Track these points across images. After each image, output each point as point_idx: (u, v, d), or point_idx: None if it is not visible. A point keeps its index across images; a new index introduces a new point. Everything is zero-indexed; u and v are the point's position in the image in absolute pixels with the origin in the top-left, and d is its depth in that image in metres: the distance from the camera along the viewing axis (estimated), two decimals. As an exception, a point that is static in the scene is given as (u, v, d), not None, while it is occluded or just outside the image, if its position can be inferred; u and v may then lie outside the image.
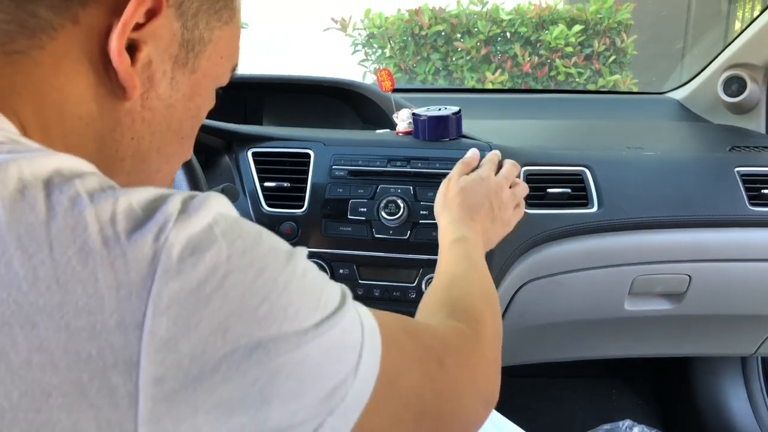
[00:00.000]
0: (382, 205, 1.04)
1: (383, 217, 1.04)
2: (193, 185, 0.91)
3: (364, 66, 4.23)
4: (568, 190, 1.12)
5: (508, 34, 4.04)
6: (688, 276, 1.16)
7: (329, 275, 1.05)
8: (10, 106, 0.40)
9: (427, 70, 4.02)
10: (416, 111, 1.15)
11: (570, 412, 1.75)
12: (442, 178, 1.05)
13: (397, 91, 1.26)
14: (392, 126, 1.22)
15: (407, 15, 4.03)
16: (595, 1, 3.95)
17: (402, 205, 1.03)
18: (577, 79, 3.97)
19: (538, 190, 1.11)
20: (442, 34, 4.00)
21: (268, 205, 1.10)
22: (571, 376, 1.83)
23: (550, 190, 1.11)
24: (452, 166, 1.06)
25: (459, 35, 4.01)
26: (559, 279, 1.14)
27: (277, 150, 1.13)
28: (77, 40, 0.41)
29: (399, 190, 1.06)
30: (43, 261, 0.32)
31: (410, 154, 1.09)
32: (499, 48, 4.04)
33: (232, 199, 1.00)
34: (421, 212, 1.04)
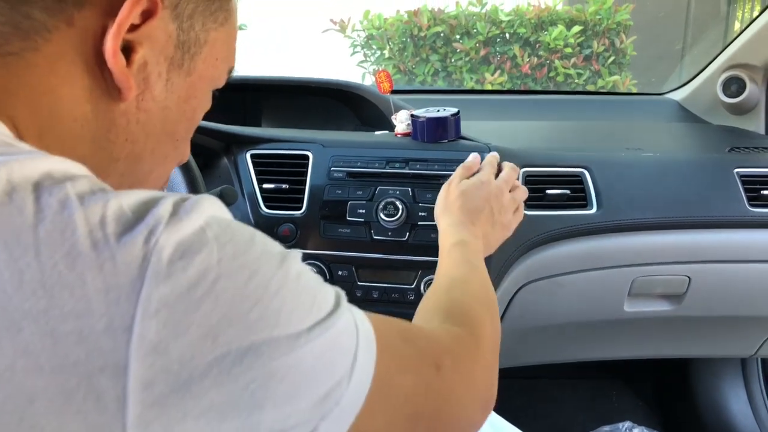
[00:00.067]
0: (381, 206, 1.04)
1: (382, 219, 1.04)
2: (192, 187, 0.91)
3: (363, 67, 4.23)
4: (567, 192, 1.11)
5: (507, 35, 4.05)
6: (688, 277, 1.16)
7: (328, 277, 1.05)
8: (3, 109, 0.40)
9: (427, 71, 4.02)
10: (415, 112, 1.15)
11: (570, 414, 1.75)
12: (440, 180, 1.05)
13: (396, 92, 1.25)
14: (391, 127, 1.22)
15: (406, 16, 4.03)
16: (594, 2, 3.96)
17: (401, 207, 1.03)
18: (577, 80, 3.97)
19: (537, 192, 1.10)
20: (441, 35, 4.01)
21: (266, 206, 1.10)
22: (571, 378, 1.83)
23: (549, 192, 1.11)
24: (451, 167, 1.06)
25: (458, 36, 4.02)
26: (559, 280, 1.14)
27: (275, 152, 1.13)
28: (72, 42, 0.41)
29: (398, 192, 1.06)
30: (30, 264, 0.31)
31: (409, 156, 1.09)
32: (498, 49, 4.05)
33: (231, 201, 0.99)
34: (420, 214, 1.04)
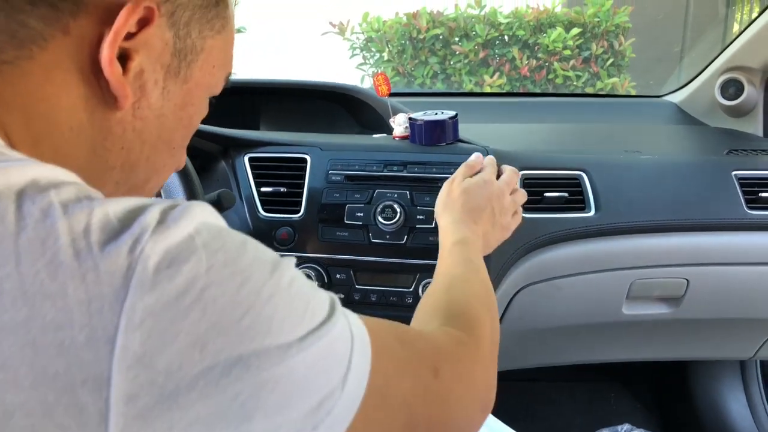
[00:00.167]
0: (379, 209, 1.04)
1: (380, 222, 1.04)
2: (189, 191, 0.91)
3: (362, 70, 4.23)
4: (566, 195, 1.11)
5: (506, 38, 4.05)
6: (686, 280, 1.16)
7: (326, 280, 1.05)
8: None
9: (426, 73, 4.02)
10: (413, 115, 1.15)
11: (568, 416, 1.75)
12: (439, 183, 1.05)
13: (394, 95, 1.26)
14: (389, 130, 1.22)
15: (405, 19, 4.03)
16: (593, 4, 3.96)
17: (399, 210, 1.03)
18: (575, 82, 3.97)
19: (536, 195, 1.10)
20: (440, 37, 4.01)
21: (264, 210, 1.10)
22: (570, 380, 1.83)
23: (548, 195, 1.11)
24: (449, 170, 1.06)
25: (457, 39, 4.02)
26: (557, 283, 1.14)
27: (273, 155, 1.13)
28: (68, 50, 0.41)
29: (396, 195, 1.06)
30: (9, 274, 0.31)
31: (407, 159, 1.09)
32: (497, 51, 4.05)
33: (228, 205, 0.99)
34: (418, 217, 1.04)
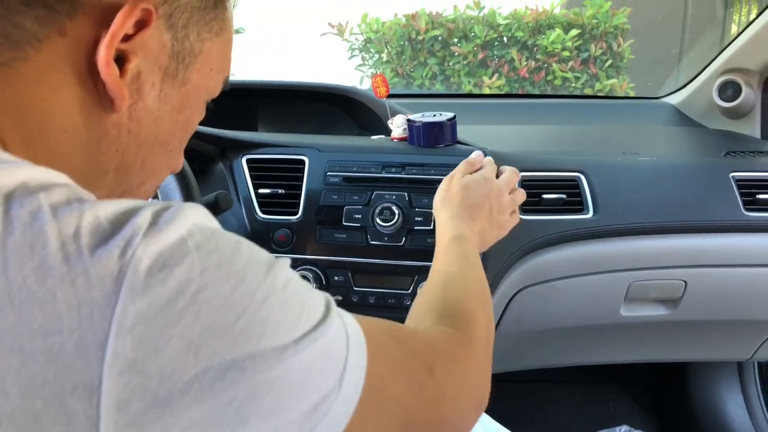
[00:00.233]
0: (377, 211, 1.04)
1: (378, 224, 1.04)
2: (186, 193, 0.91)
3: (361, 71, 4.23)
4: (564, 196, 1.11)
5: (505, 39, 4.05)
6: (684, 282, 1.16)
7: (324, 282, 1.05)
8: None
9: (425, 74, 4.02)
10: (411, 117, 1.15)
11: (567, 418, 1.75)
12: (437, 185, 1.05)
13: (393, 96, 1.25)
14: (387, 132, 1.22)
15: (404, 20, 4.03)
16: (592, 6, 3.96)
17: (397, 212, 1.03)
18: (574, 84, 3.97)
19: (534, 196, 1.10)
20: (439, 38, 4.00)
21: (262, 211, 1.10)
22: (568, 382, 1.83)
23: (546, 196, 1.11)
24: (447, 172, 1.06)
25: (456, 40, 4.02)
26: (555, 285, 1.14)
27: (271, 156, 1.13)
28: (63, 52, 0.40)
29: (394, 197, 1.06)
30: None
31: (405, 161, 1.09)
32: (496, 52, 4.05)
33: (226, 207, 0.99)
34: (416, 219, 1.04)
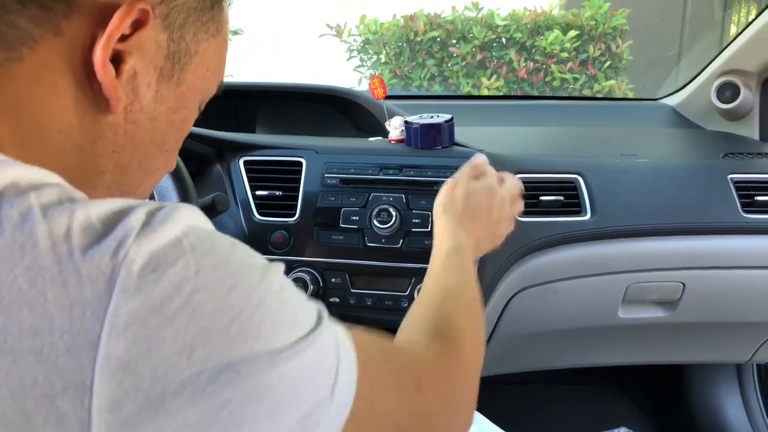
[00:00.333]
0: (375, 213, 1.04)
1: (375, 226, 1.03)
2: (183, 194, 0.91)
3: (360, 72, 4.23)
4: (561, 198, 1.11)
5: (504, 40, 4.05)
6: (682, 283, 1.16)
7: (321, 284, 1.05)
8: None
9: (423, 75, 4.02)
10: (408, 119, 1.14)
11: (565, 420, 1.74)
12: (434, 187, 1.05)
13: (390, 98, 1.25)
14: (385, 134, 1.22)
15: (402, 21, 4.03)
16: (591, 7, 3.96)
17: (394, 214, 1.03)
18: (573, 85, 3.98)
19: (531, 198, 1.10)
20: (438, 39, 4.01)
21: (259, 213, 1.09)
22: (566, 383, 1.83)
23: (543, 198, 1.11)
24: (445, 173, 1.06)
25: (454, 41, 4.02)
26: (553, 287, 1.14)
27: (268, 158, 1.12)
28: (59, 52, 0.40)
29: (391, 199, 1.05)
30: None
31: (402, 162, 1.09)
32: (494, 54, 4.05)
33: (223, 209, 0.99)
34: (414, 221, 1.04)
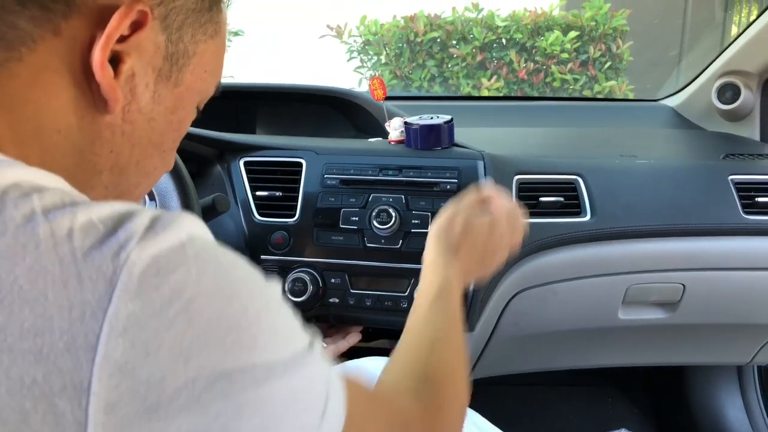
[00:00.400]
0: (374, 214, 1.04)
1: (375, 227, 1.03)
2: (183, 195, 0.90)
3: (360, 73, 4.23)
4: (561, 199, 1.11)
5: (504, 41, 4.05)
6: (682, 285, 1.15)
7: (321, 285, 1.05)
8: None
9: (423, 76, 4.02)
10: (408, 119, 1.14)
11: (565, 421, 1.74)
12: (434, 187, 1.05)
13: (390, 99, 1.25)
14: (385, 134, 1.22)
15: (402, 22, 4.04)
16: (591, 7, 3.97)
17: (394, 215, 1.03)
18: (573, 86, 3.98)
19: (531, 199, 1.10)
20: (438, 40, 4.01)
21: (259, 214, 1.09)
22: (566, 385, 1.83)
23: (543, 199, 1.10)
24: (444, 174, 1.06)
25: (454, 42, 4.02)
26: (553, 288, 1.14)
27: (269, 159, 1.12)
28: (58, 52, 0.40)
29: (391, 199, 1.05)
30: None
31: (402, 163, 1.09)
32: (494, 54, 4.05)
33: (223, 209, 0.99)
34: (413, 221, 1.04)
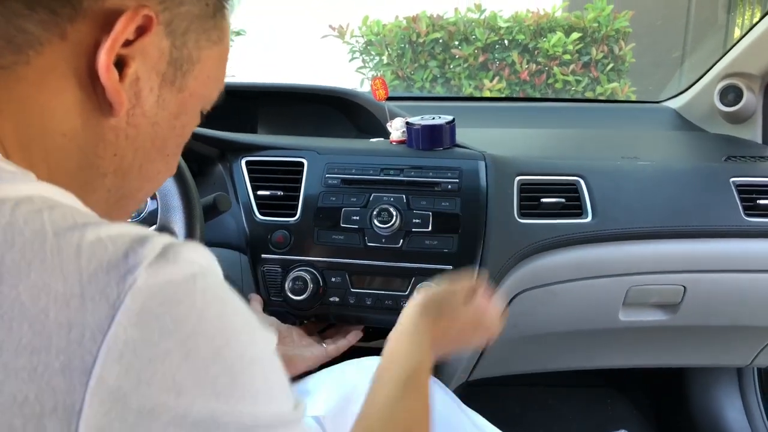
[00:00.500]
0: (375, 213, 1.04)
1: (376, 226, 1.04)
2: (185, 194, 0.90)
3: (362, 73, 4.24)
4: (563, 200, 1.11)
5: (506, 42, 4.05)
6: (683, 287, 1.15)
7: (321, 284, 1.05)
8: None
9: (425, 77, 4.03)
10: (410, 120, 1.15)
11: (565, 422, 1.74)
12: (435, 187, 1.05)
13: (392, 99, 1.25)
14: (386, 135, 1.22)
15: (405, 22, 4.04)
16: (594, 9, 3.96)
17: (395, 214, 1.03)
18: (575, 87, 3.98)
19: (532, 200, 1.10)
20: (440, 41, 4.01)
21: (261, 213, 1.09)
22: (566, 386, 1.83)
23: (544, 200, 1.10)
24: (445, 174, 1.06)
25: (457, 43, 4.03)
26: (553, 289, 1.14)
27: (270, 159, 1.13)
28: (64, 56, 0.40)
29: (392, 199, 1.06)
30: None
31: (403, 163, 1.09)
32: (496, 55, 4.05)
33: (224, 209, 0.99)
34: (414, 221, 1.04)
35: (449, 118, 1.14)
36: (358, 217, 1.05)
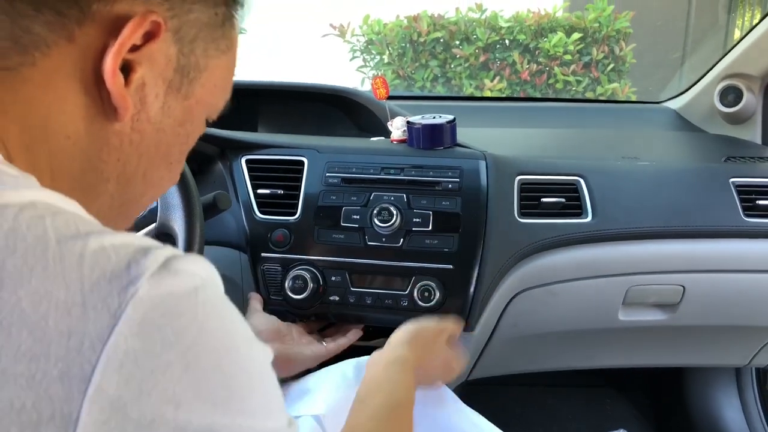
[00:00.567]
0: (375, 212, 1.04)
1: (376, 225, 1.04)
2: (185, 193, 0.90)
3: (363, 72, 4.23)
4: (563, 200, 1.11)
5: (507, 42, 4.05)
6: (682, 287, 1.15)
7: (321, 283, 1.05)
8: None
9: (426, 76, 4.02)
10: (411, 119, 1.15)
11: (564, 422, 1.74)
12: (435, 186, 1.06)
13: (393, 98, 1.25)
14: (387, 134, 1.22)
15: (406, 21, 4.04)
16: (594, 9, 3.96)
17: (395, 213, 1.03)
18: (576, 87, 3.98)
19: (532, 200, 1.10)
20: (441, 41, 4.01)
21: (261, 212, 1.09)
22: (565, 386, 1.83)
23: (544, 200, 1.11)
24: (446, 174, 1.06)
25: (457, 42, 4.02)
26: (553, 289, 1.14)
27: (270, 157, 1.13)
28: (71, 58, 0.40)
29: (392, 198, 1.06)
30: None
31: (404, 162, 1.09)
32: (497, 55, 4.05)
33: (224, 207, 0.99)
34: (414, 220, 1.04)
35: (450, 117, 1.14)
36: (358, 216, 1.05)
